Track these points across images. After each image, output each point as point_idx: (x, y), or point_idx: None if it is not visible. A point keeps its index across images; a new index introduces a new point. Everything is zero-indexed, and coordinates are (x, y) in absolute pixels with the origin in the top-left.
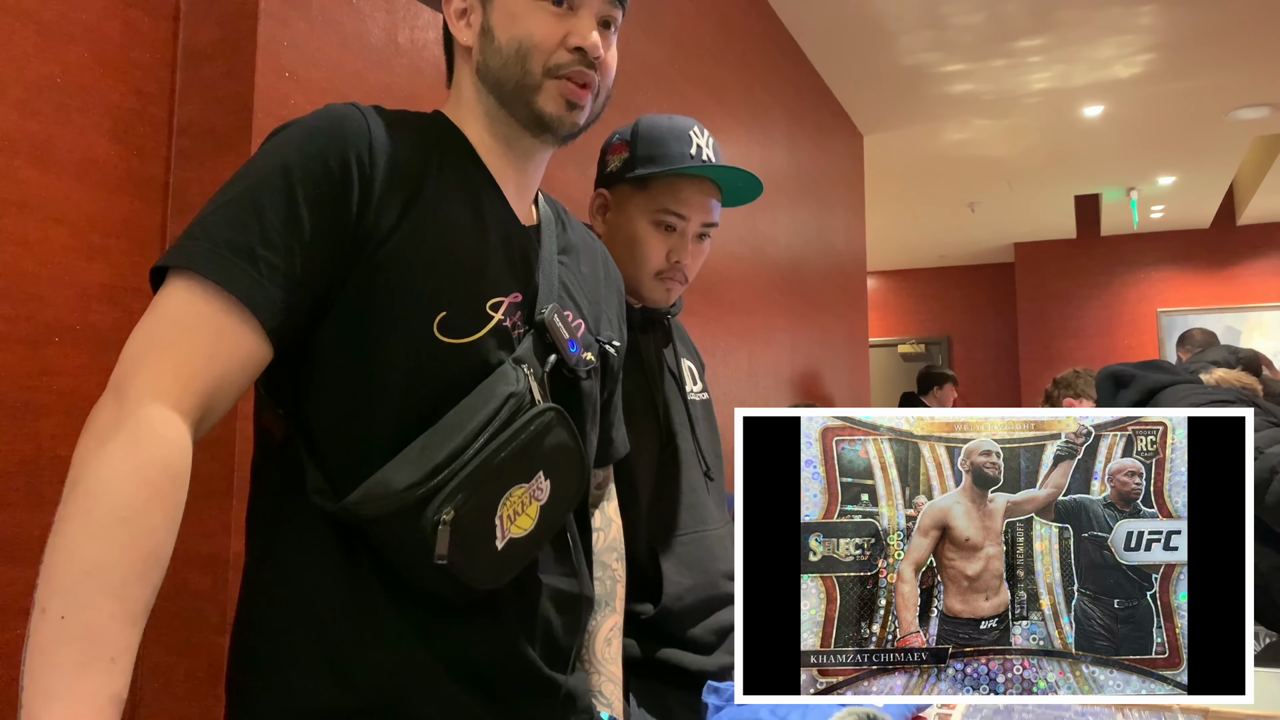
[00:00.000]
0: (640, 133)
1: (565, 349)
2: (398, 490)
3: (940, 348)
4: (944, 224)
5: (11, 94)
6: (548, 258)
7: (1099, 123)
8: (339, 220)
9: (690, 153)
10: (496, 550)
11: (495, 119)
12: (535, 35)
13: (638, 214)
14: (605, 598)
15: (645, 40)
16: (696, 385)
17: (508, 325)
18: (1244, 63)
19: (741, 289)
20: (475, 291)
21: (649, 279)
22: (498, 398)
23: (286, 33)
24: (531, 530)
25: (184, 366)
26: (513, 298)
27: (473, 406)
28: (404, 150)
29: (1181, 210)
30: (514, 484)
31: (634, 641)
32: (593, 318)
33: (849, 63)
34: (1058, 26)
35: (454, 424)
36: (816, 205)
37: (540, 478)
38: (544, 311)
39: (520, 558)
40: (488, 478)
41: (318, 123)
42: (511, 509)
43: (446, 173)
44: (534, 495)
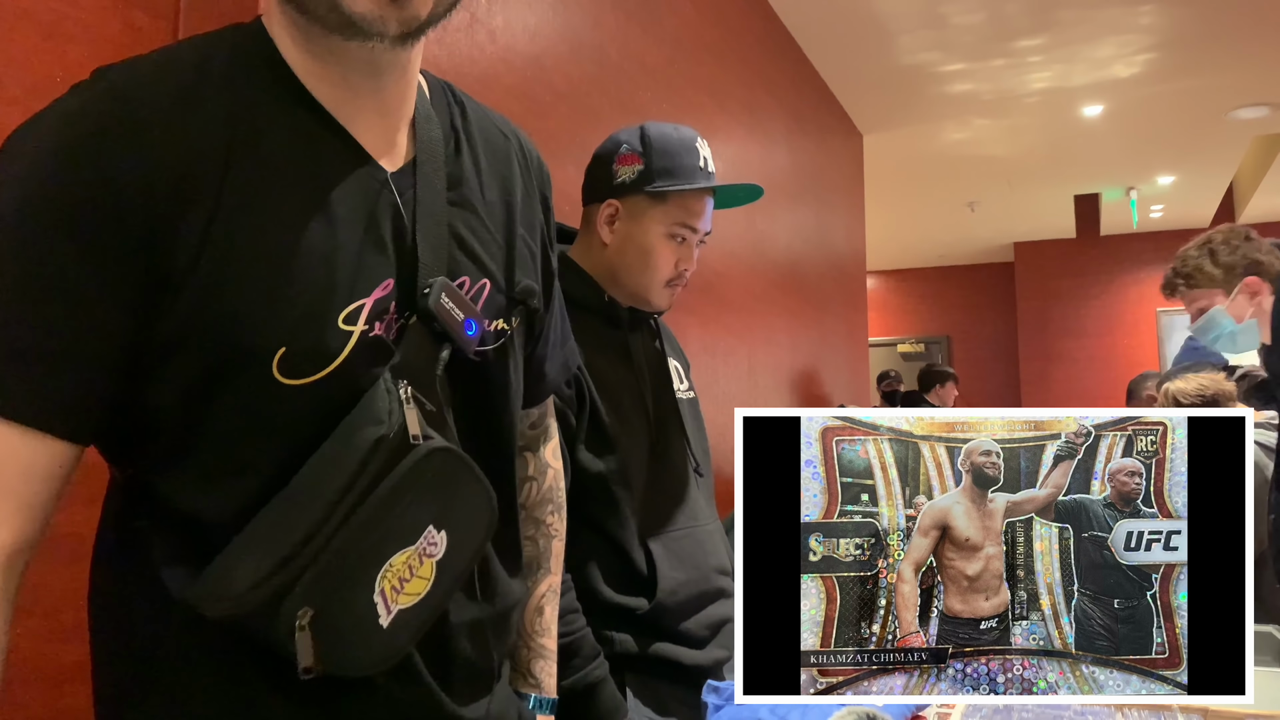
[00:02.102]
0: (654, 145)
1: (460, 336)
2: (240, 591)
3: (940, 347)
4: (944, 224)
5: (11, 94)
6: (429, 208)
7: (1099, 122)
8: (123, 266)
9: (699, 165)
10: (383, 630)
11: (303, 32)
12: None
13: (653, 225)
14: (538, 559)
15: (645, 40)
16: (683, 384)
17: (378, 332)
18: (1243, 62)
19: (741, 289)
20: (320, 309)
21: (659, 288)
22: (359, 449)
23: None
24: (428, 592)
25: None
26: (380, 290)
27: (330, 460)
28: (197, 132)
29: (1181, 210)
30: (393, 552)
31: (629, 636)
32: (503, 264)
33: (849, 62)
34: (1057, 26)
35: (308, 489)
36: (816, 205)
37: (431, 532)
38: (426, 293)
39: (419, 624)
40: (354, 560)
41: (63, 132)
42: (395, 578)
43: (264, 134)
44: (424, 553)
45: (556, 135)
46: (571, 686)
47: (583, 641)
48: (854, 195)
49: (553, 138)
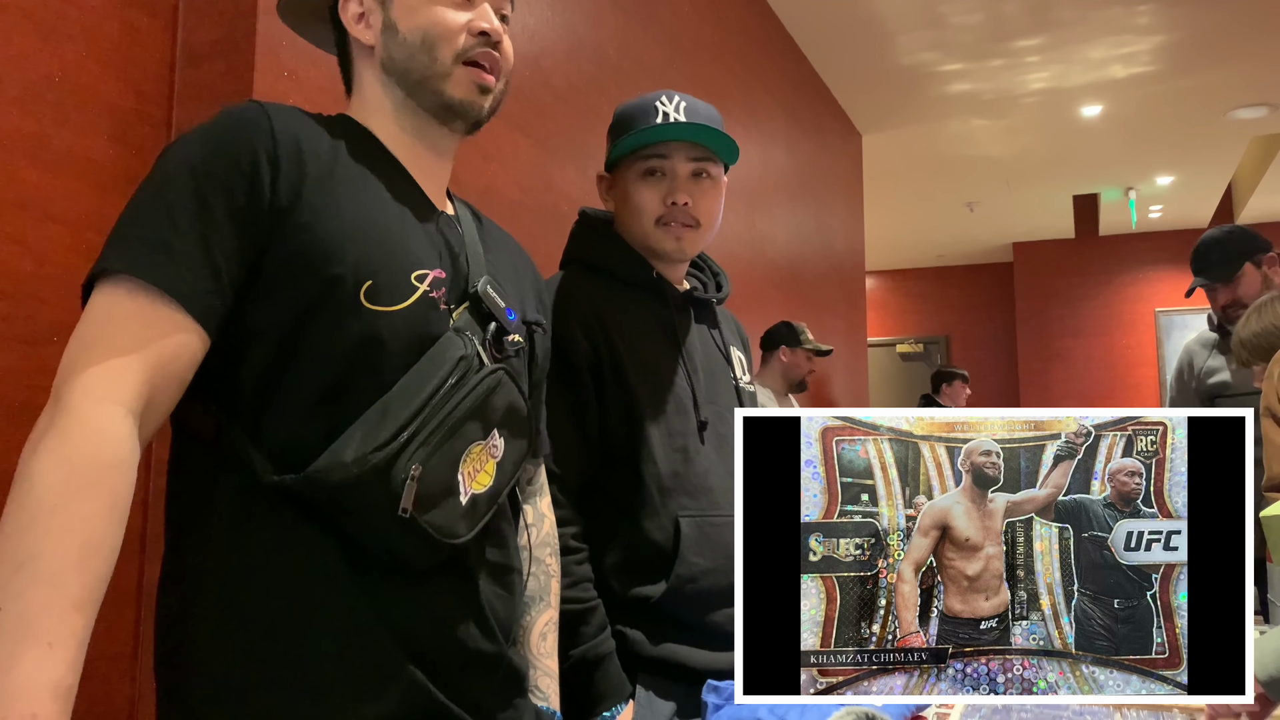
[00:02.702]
0: (616, 116)
1: (503, 316)
2: (365, 453)
3: (939, 347)
4: (942, 224)
5: (10, 93)
6: (471, 242)
7: (1097, 122)
8: (250, 206)
9: (656, 121)
10: (461, 505)
11: (403, 110)
12: (440, 23)
13: (627, 174)
14: (540, 593)
15: (644, 40)
16: (745, 376)
17: (435, 297)
18: (1242, 62)
19: (740, 288)
20: (400, 262)
21: (651, 228)
22: (449, 361)
23: (285, 32)
24: (491, 486)
25: (114, 361)
26: (436, 272)
27: (425, 371)
28: (310, 136)
29: (1180, 210)
30: (473, 441)
31: (641, 634)
32: (517, 301)
33: (847, 62)
34: (1056, 26)
35: (410, 388)
36: (815, 205)
37: (495, 435)
38: (478, 284)
39: (482, 513)
40: (449, 434)
41: (217, 121)
42: (472, 465)
43: (357, 160)
44: (490, 452)
45: (556, 135)
46: (582, 656)
47: (593, 614)
48: (853, 195)
49: (552, 138)
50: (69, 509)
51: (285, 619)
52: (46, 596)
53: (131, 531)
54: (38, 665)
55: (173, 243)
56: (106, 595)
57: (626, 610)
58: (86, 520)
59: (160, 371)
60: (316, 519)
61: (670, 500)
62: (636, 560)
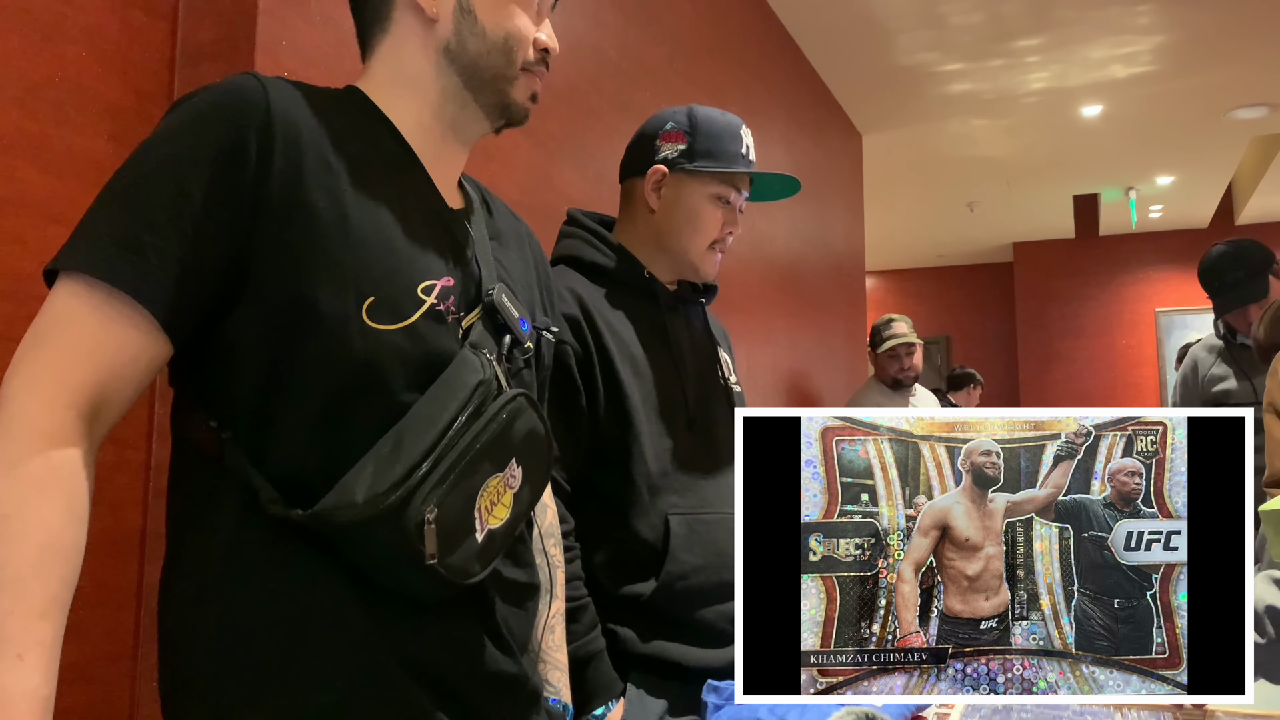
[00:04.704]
0: (700, 126)
1: (517, 328)
2: (377, 493)
3: (939, 347)
4: (943, 224)
5: (10, 93)
6: (481, 241)
7: (1097, 122)
8: (233, 198)
9: (742, 152)
10: (477, 543)
11: (450, 98)
12: (523, 31)
13: (699, 188)
14: (545, 584)
15: (644, 40)
16: (731, 377)
17: (442, 309)
18: (1242, 63)
19: (740, 288)
20: (405, 273)
21: (704, 250)
22: (466, 387)
23: (285, 32)
24: (508, 519)
25: (61, 362)
26: (444, 281)
27: (440, 397)
28: (313, 122)
29: (1180, 210)
30: (490, 474)
31: (632, 633)
32: (527, 304)
33: (847, 62)
34: (1056, 26)
35: (425, 416)
36: (815, 205)
37: (513, 465)
38: (491, 292)
39: (498, 548)
40: (466, 470)
41: (209, 97)
42: (489, 499)
43: (365, 149)
44: (508, 484)
45: (556, 135)
46: (573, 654)
47: (584, 611)
48: (853, 195)
49: (552, 138)
50: (22, 514)
51: (289, 656)
52: (9, 605)
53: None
54: (11, 677)
55: (144, 238)
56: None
57: (617, 608)
58: (42, 523)
59: (114, 374)
60: (323, 549)
61: (660, 498)
62: (627, 558)
